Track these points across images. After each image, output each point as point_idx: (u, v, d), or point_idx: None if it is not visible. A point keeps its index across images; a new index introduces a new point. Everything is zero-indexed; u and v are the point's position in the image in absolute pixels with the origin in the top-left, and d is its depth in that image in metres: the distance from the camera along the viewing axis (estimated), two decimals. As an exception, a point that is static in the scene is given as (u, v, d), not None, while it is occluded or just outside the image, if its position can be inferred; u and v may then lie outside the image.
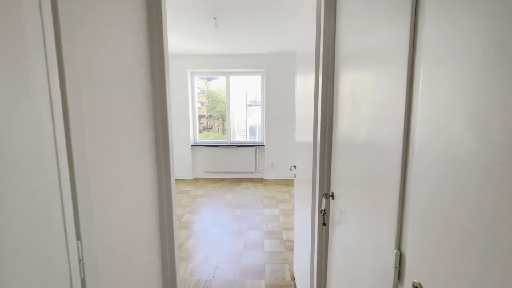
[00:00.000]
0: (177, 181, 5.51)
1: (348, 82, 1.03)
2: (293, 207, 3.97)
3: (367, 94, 0.85)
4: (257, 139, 6.03)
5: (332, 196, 1.18)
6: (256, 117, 6.13)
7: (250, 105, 6.27)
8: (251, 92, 6.26)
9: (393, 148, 0.68)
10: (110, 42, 0.94)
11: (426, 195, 0.56)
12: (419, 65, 0.60)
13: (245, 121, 6.18)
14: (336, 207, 1.15)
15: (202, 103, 6.29)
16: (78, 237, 0.73)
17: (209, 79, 6.75)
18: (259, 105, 5.96)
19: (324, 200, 1.21)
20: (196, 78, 5.74)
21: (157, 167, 1.34)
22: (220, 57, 5.32)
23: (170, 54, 5.15)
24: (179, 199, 4.37)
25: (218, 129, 6.21)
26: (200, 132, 6.07)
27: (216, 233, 3.14)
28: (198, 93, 6.03)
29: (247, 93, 6.55)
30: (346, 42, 1.06)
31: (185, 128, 5.55)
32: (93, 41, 0.84)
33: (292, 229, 3.21)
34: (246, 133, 6.77)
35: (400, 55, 0.65)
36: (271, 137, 5.57)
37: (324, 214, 1.19)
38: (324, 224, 1.20)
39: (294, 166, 2.14)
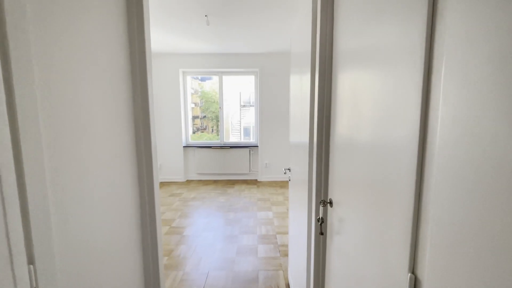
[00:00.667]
0: (169, 183, 5.37)
1: (349, 81, 0.93)
2: (287, 209, 3.87)
3: (372, 93, 0.75)
4: (251, 140, 5.92)
5: (330, 203, 1.07)
6: (250, 117, 6.03)
7: (244, 106, 6.18)
8: (245, 93, 6.18)
9: (405, 150, 0.58)
10: (76, 32, 0.82)
11: (449, 208, 0.46)
12: (439, 61, 0.49)
13: (239, 122, 6.07)
14: (335, 215, 1.04)
15: (196, 104, 6.22)
16: (31, 261, 0.61)
17: (203, 80, 6.67)
18: (253, 105, 5.86)
19: (321, 208, 1.10)
20: (188, 78, 5.60)
21: (138, 170, 1.22)
22: (213, 57, 5.20)
23: (161, 53, 5.01)
24: (170, 202, 4.23)
25: (212, 130, 6.11)
26: (194, 133, 5.95)
27: (208, 238, 3.02)
28: (192, 94, 5.91)
29: (241, 94, 6.45)
30: (345, 40, 0.96)
31: (177, 129, 5.41)
32: (53, 30, 0.72)
33: (286, 233, 3.11)
34: (240, 134, 6.68)
35: (414, 50, 0.55)
36: (265, 138, 5.46)
37: (321, 223, 1.09)
38: (322, 233, 1.10)
39: (289, 169, 2.04)
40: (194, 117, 6.03)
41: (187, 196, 4.53)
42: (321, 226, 1.09)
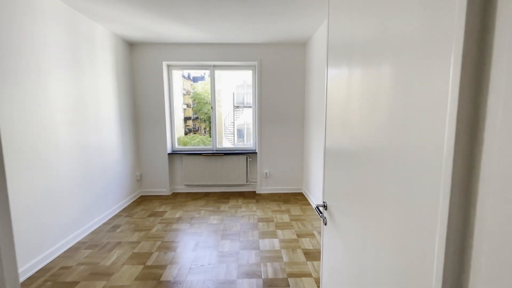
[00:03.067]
0: (151, 197, 4.50)
1: None
2: (297, 236, 3.07)
3: None
4: (246, 143, 5.11)
5: None
6: (244, 118, 5.31)
7: (237, 107, 5.50)
8: (238, 93, 5.57)
9: None
10: None
11: None
12: None
13: (232, 124, 5.31)
14: None
15: (187, 105, 5.65)
16: None
17: (195, 80, 6.18)
18: (247, 106, 5.09)
19: None
20: (177, 74, 4.74)
21: None
22: (203, 47, 4.37)
23: (139, 42, 4.15)
24: (149, 226, 3.38)
25: (205, 131, 5.41)
26: (186, 134, 5.15)
27: (195, 286, 2.19)
28: (184, 95, 5.16)
29: (235, 94, 5.88)
30: None
31: (162, 133, 4.54)
32: None
33: (301, 275, 2.30)
34: (234, 137, 6.05)
35: None
36: (265, 143, 4.65)
37: None
38: None
39: (325, 205, 1.23)
40: (186, 118, 5.33)
41: (171, 216, 3.68)
42: None
